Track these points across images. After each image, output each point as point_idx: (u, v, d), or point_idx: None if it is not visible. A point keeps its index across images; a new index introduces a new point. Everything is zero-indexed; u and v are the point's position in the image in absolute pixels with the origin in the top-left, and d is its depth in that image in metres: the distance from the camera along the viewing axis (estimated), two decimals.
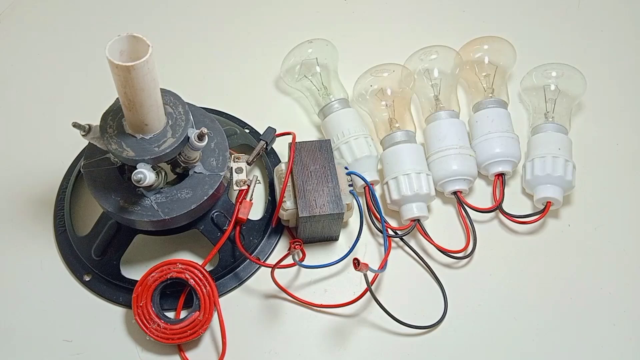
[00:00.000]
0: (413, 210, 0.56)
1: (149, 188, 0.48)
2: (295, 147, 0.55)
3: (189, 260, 0.50)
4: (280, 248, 0.57)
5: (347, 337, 0.52)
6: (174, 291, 0.52)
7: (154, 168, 0.46)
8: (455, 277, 0.55)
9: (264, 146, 0.56)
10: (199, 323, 0.49)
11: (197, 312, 0.49)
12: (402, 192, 0.56)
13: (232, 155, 0.54)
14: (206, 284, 0.49)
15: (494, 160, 0.59)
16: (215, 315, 0.50)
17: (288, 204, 0.53)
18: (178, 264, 0.50)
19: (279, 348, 0.51)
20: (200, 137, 0.46)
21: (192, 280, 0.49)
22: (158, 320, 0.49)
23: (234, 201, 0.53)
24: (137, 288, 0.49)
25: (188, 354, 0.50)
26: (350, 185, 0.54)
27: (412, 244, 0.57)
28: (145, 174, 0.44)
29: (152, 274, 0.49)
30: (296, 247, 0.47)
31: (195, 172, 0.50)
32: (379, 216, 0.56)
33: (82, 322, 0.52)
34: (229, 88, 0.69)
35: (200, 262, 0.54)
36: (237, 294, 0.54)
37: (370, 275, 0.50)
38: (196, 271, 0.50)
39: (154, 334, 0.49)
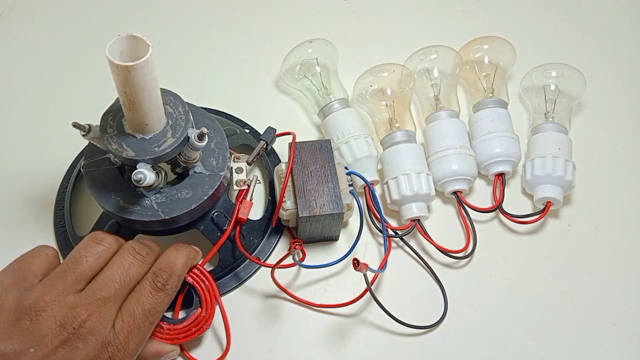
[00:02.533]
0: (413, 210, 0.56)
1: (149, 188, 0.48)
2: (295, 147, 0.55)
3: None
4: (280, 248, 0.57)
5: (347, 337, 0.52)
6: None
7: (154, 168, 0.46)
8: (455, 277, 0.55)
9: (264, 146, 0.56)
10: (202, 320, 0.48)
11: (199, 309, 0.49)
12: (402, 192, 0.56)
13: (232, 155, 0.54)
14: (204, 279, 0.49)
15: (494, 160, 0.59)
16: (217, 310, 0.50)
17: (288, 204, 0.53)
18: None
19: (279, 348, 0.51)
20: (200, 137, 0.46)
21: (189, 278, 0.49)
22: (161, 322, 0.48)
23: (234, 201, 0.53)
24: None
25: (192, 353, 0.50)
26: (350, 185, 0.54)
27: (412, 244, 0.57)
28: (145, 174, 0.44)
29: None
30: (296, 247, 0.47)
31: (195, 172, 0.50)
32: (379, 216, 0.56)
33: None
34: (229, 88, 0.69)
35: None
36: (237, 294, 0.54)
37: (370, 275, 0.50)
38: (193, 269, 0.49)
39: (157, 337, 0.48)
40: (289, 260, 0.49)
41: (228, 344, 0.50)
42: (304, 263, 0.50)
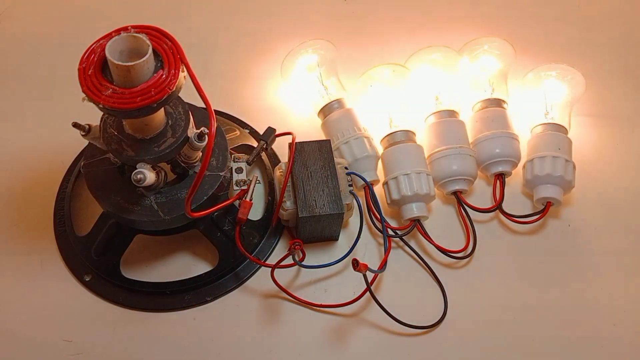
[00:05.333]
0: (413, 210, 0.56)
1: (149, 188, 0.48)
2: (295, 147, 0.55)
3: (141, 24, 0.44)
4: (280, 248, 0.57)
5: (347, 337, 0.52)
6: None
7: (154, 168, 0.46)
8: (455, 277, 0.55)
9: (264, 146, 0.56)
10: (164, 82, 0.41)
11: (161, 71, 0.42)
12: (402, 192, 0.56)
13: (232, 155, 0.54)
14: (166, 40, 0.43)
15: (494, 160, 0.59)
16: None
17: (288, 204, 0.53)
18: (130, 27, 0.42)
19: (279, 348, 0.51)
20: (200, 137, 0.46)
21: (150, 41, 0.42)
22: (111, 85, 0.41)
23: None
24: (83, 59, 0.43)
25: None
26: (350, 185, 0.54)
27: (412, 244, 0.57)
28: (145, 174, 0.44)
29: (101, 41, 0.42)
30: (296, 247, 0.47)
31: (195, 172, 0.50)
32: (379, 216, 0.56)
33: (82, 322, 0.52)
34: (229, 88, 0.69)
35: (200, 264, 0.54)
36: (237, 294, 0.54)
37: (370, 276, 0.50)
38: (151, 31, 0.43)
39: (109, 102, 0.40)
40: (289, 260, 0.49)
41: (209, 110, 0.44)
42: (304, 263, 0.50)
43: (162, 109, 0.45)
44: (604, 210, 0.60)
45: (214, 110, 0.65)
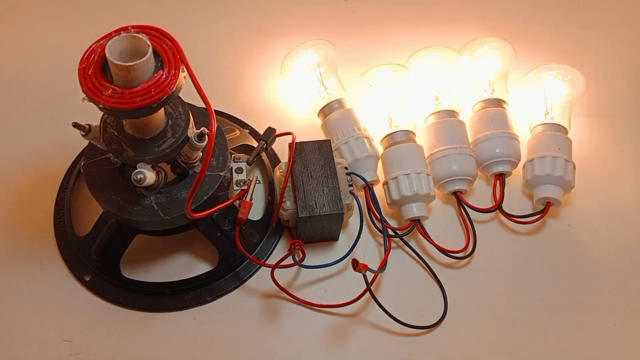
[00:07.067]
0: (413, 210, 0.56)
1: (149, 188, 0.48)
2: (295, 147, 0.55)
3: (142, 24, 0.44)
4: (280, 248, 0.57)
5: (347, 337, 0.52)
6: None
7: (154, 168, 0.46)
8: (455, 277, 0.55)
9: (264, 146, 0.56)
10: (164, 82, 0.41)
11: (161, 71, 0.42)
12: (402, 192, 0.56)
13: (232, 155, 0.54)
14: (166, 40, 0.43)
15: (494, 160, 0.59)
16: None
17: (288, 204, 0.53)
18: (130, 27, 0.42)
19: (279, 348, 0.51)
20: (200, 137, 0.46)
21: (151, 41, 0.42)
22: (111, 85, 0.41)
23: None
24: (83, 59, 0.43)
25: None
26: (350, 185, 0.54)
27: (412, 244, 0.57)
28: (145, 174, 0.44)
29: (101, 41, 0.42)
30: (296, 247, 0.47)
31: (195, 172, 0.50)
32: (379, 216, 0.56)
33: (82, 322, 0.52)
34: (229, 88, 0.69)
35: (200, 264, 0.54)
36: (237, 294, 0.54)
37: (370, 276, 0.50)
38: (152, 31, 0.43)
39: (109, 102, 0.40)
40: (289, 260, 0.49)
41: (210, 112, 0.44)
42: (304, 263, 0.50)
43: (162, 109, 0.45)
44: (604, 210, 0.60)
45: (214, 110, 0.65)
